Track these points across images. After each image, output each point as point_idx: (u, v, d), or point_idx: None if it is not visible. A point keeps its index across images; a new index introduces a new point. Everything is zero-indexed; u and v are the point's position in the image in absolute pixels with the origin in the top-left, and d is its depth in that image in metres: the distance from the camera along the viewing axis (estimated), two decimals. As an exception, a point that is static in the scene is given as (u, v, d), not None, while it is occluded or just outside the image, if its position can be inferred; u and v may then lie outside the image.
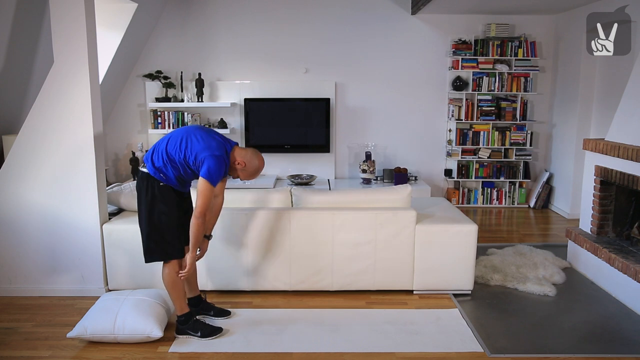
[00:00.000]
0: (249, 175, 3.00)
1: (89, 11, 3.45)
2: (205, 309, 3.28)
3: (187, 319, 3.04)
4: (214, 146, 2.85)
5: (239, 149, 2.98)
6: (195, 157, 2.84)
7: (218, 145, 2.88)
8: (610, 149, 3.76)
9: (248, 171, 2.98)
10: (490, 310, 3.44)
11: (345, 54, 6.16)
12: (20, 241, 3.61)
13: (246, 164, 2.95)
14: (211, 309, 3.30)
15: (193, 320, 3.06)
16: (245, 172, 2.98)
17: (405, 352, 2.91)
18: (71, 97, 3.46)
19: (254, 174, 3.01)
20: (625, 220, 3.95)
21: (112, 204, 3.92)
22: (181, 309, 3.03)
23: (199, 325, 3.06)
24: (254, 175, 3.02)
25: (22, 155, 3.54)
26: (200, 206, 2.81)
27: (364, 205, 3.62)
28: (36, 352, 2.92)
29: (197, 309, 3.23)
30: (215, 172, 2.81)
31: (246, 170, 2.97)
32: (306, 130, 6.13)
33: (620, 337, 3.11)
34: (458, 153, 6.24)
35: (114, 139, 6.25)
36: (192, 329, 3.03)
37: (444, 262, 3.58)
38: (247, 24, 6.07)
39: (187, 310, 3.06)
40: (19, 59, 4.22)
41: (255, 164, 2.98)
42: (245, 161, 2.95)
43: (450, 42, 6.13)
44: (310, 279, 3.60)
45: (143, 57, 6.11)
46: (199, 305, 3.26)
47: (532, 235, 5.18)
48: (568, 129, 5.85)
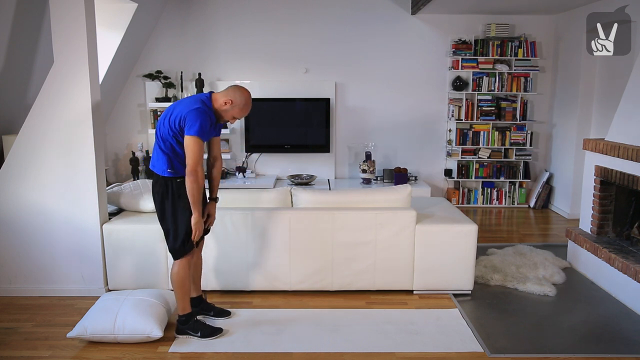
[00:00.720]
0: (241, 109, 2.91)
1: (89, 11, 3.45)
2: (205, 309, 3.28)
3: (188, 319, 3.04)
4: (188, 102, 2.82)
5: (217, 93, 2.92)
6: (179, 122, 2.78)
7: (192, 101, 2.84)
8: (610, 149, 3.76)
9: (239, 105, 2.89)
10: (490, 310, 3.44)
11: (345, 54, 6.16)
12: (20, 241, 3.61)
13: (233, 100, 2.86)
14: (211, 309, 3.30)
15: (194, 321, 3.06)
16: (236, 108, 2.89)
17: (405, 352, 2.91)
18: (71, 97, 3.46)
19: (246, 106, 2.92)
20: (625, 220, 3.95)
21: (112, 204, 3.92)
22: (183, 308, 3.03)
23: (200, 325, 3.06)
24: (246, 108, 2.92)
25: (22, 155, 3.54)
26: (190, 164, 2.75)
27: (364, 205, 3.62)
28: (36, 352, 2.92)
29: (197, 309, 3.22)
30: (199, 124, 2.74)
31: (237, 105, 2.88)
32: (306, 130, 6.13)
33: (620, 337, 3.11)
34: (458, 153, 6.24)
35: (114, 139, 6.25)
36: (193, 329, 3.03)
37: (444, 262, 3.58)
38: (247, 24, 6.07)
39: (189, 310, 3.05)
40: (19, 59, 4.22)
41: (242, 95, 2.89)
42: (231, 98, 2.87)
43: (450, 42, 6.13)
44: (310, 279, 3.60)
45: (143, 57, 6.11)
46: (199, 305, 3.26)
47: (532, 235, 5.18)
48: (568, 129, 5.85)
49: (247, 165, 6.27)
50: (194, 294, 3.23)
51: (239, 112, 2.92)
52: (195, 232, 2.87)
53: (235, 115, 2.92)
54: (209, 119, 2.81)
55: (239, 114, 2.92)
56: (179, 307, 3.03)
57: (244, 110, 2.92)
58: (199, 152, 2.76)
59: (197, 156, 2.75)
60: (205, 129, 2.78)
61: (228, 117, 2.92)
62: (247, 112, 2.95)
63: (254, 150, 6.20)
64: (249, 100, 2.92)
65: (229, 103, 2.87)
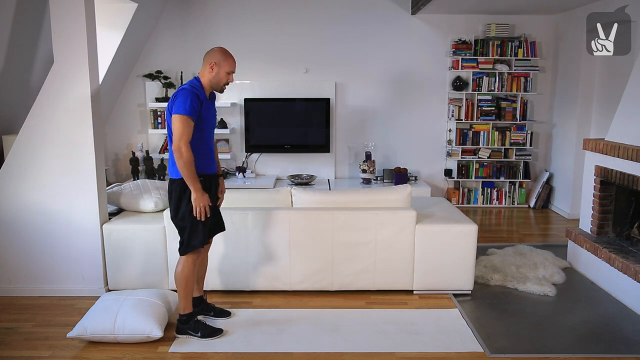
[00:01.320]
0: (226, 61, 2.89)
1: (89, 11, 3.45)
2: (205, 310, 3.28)
3: (189, 319, 3.04)
4: (178, 88, 2.86)
5: (200, 71, 2.93)
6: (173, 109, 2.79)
7: (181, 86, 2.86)
8: (610, 149, 3.76)
9: (221, 59, 2.88)
10: (490, 310, 3.44)
11: (345, 54, 6.16)
12: (20, 241, 3.61)
13: (216, 61, 2.87)
14: (211, 309, 3.30)
15: (194, 321, 3.06)
16: (222, 63, 2.88)
17: (405, 352, 2.91)
18: (71, 97, 3.46)
19: (228, 56, 2.91)
20: (625, 220, 3.95)
21: (112, 204, 3.92)
22: (185, 308, 3.03)
23: (200, 325, 3.06)
24: (229, 58, 2.91)
25: (22, 155, 3.54)
26: (175, 140, 2.74)
27: (364, 205, 3.62)
28: (36, 352, 2.92)
29: (198, 309, 3.23)
30: (189, 102, 2.74)
31: (220, 61, 2.87)
32: (306, 130, 6.13)
33: (620, 337, 3.11)
34: (458, 153, 6.24)
35: (114, 139, 6.24)
36: (193, 329, 3.03)
37: (444, 262, 3.58)
38: (247, 23, 6.07)
39: (191, 310, 3.05)
40: (19, 59, 4.22)
41: (216, 51, 2.90)
42: (211, 60, 2.87)
43: (450, 42, 6.13)
44: (310, 279, 3.60)
45: (143, 57, 6.11)
46: (200, 305, 3.26)
47: (532, 235, 5.18)
48: (568, 129, 5.85)
49: (247, 165, 6.27)
50: (196, 294, 3.24)
51: (228, 65, 2.91)
52: (196, 209, 2.83)
53: (227, 71, 2.91)
54: (197, 98, 2.80)
55: (229, 67, 2.91)
56: (181, 306, 3.03)
57: (229, 60, 2.91)
58: (185, 130, 2.74)
59: (181, 133, 2.74)
60: (194, 107, 2.77)
61: (223, 78, 2.92)
62: (233, 61, 2.94)
63: (254, 150, 6.20)
64: (225, 51, 2.93)
65: (213, 66, 2.88)
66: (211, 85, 2.93)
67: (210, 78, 2.90)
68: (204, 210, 2.84)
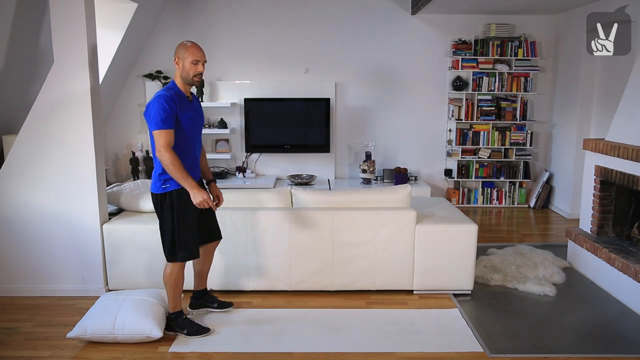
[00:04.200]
0: (190, 54, 2.80)
1: (89, 11, 3.45)
2: (209, 302, 3.35)
3: (177, 317, 3.07)
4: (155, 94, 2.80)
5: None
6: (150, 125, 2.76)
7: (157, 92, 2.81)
8: (610, 149, 3.76)
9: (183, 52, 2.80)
10: (490, 310, 3.44)
11: (345, 54, 6.16)
12: (20, 241, 3.61)
13: (179, 55, 2.80)
14: (215, 301, 3.37)
15: (182, 318, 3.08)
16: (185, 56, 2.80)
17: (405, 352, 2.91)
18: (71, 97, 3.46)
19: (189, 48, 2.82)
20: (625, 220, 3.95)
21: (112, 204, 3.92)
22: (174, 307, 3.06)
23: (187, 323, 3.08)
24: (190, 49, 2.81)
25: (22, 155, 3.54)
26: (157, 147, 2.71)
27: (364, 205, 3.62)
28: (36, 352, 2.92)
29: (201, 301, 3.30)
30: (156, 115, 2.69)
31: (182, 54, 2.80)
32: (306, 130, 6.13)
33: (620, 337, 3.11)
34: (458, 153, 6.24)
35: (114, 139, 6.24)
36: (180, 327, 3.06)
37: (444, 262, 3.58)
38: (247, 24, 6.07)
39: (180, 309, 3.08)
40: (19, 59, 4.22)
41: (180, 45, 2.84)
42: (176, 55, 2.82)
43: (450, 42, 6.13)
44: (310, 279, 3.60)
45: (143, 57, 6.10)
46: (203, 297, 3.32)
47: (532, 235, 5.18)
48: (568, 129, 5.85)
49: (247, 165, 6.27)
50: (199, 287, 3.30)
51: (190, 55, 2.80)
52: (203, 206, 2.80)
53: (191, 61, 2.80)
54: (171, 102, 2.73)
55: (192, 56, 2.80)
56: (170, 305, 3.06)
57: (190, 49, 2.81)
58: (165, 139, 2.71)
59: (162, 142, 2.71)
60: (168, 116, 2.71)
61: (190, 70, 2.82)
62: (195, 49, 2.83)
63: (254, 150, 6.19)
64: (185, 42, 2.85)
65: (178, 61, 2.83)
66: (183, 81, 2.86)
67: (179, 74, 2.85)
68: (206, 203, 2.81)
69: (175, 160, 2.73)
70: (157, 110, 2.72)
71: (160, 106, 2.72)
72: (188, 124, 2.85)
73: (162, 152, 2.72)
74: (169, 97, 2.75)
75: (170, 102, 2.74)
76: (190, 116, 2.87)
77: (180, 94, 2.85)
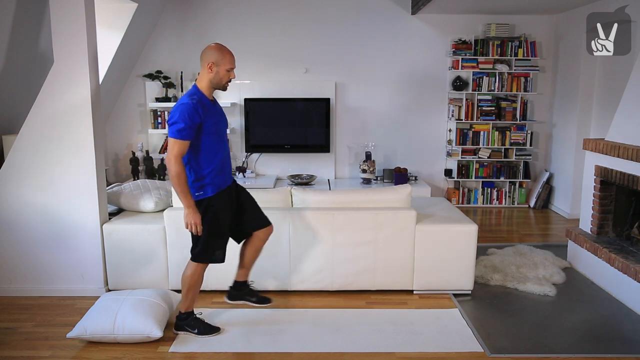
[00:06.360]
0: (227, 61, 2.80)
1: (89, 11, 3.45)
2: (249, 295, 3.34)
3: (188, 316, 3.06)
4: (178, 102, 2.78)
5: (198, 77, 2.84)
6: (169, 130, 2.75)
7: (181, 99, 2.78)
8: (610, 149, 3.76)
9: (219, 57, 2.78)
10: (490, 310, 3.44)
11: (345, 54, 6.16)
12: (20, 241, 3.61)
13: (214, 60, 2.77)
14: (255, 295, 3.35)
15: (193, 318, 3.08)
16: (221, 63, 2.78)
17: (405, 352, 2.91)
18: (71, 97, 3.46)
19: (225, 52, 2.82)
20: (625, 220, 3.95)
21: (112, 204, 3.92)
22: (187, 307, 3.06)
23: (198, 322, 3.07)
24: (227, 54, 2.82)
25: (22, 155, 3.54)
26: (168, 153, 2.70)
27: (364, 205, 3.62)
28: (36, 352, 2.92)
29: (240, 293, 3.31)
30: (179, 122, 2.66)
31: (220, 60, 2.78)
32: (306, 130, 6.13)
33: (620, 337, 3.11)
34: (458, 153, 6.24)
35: (114, 139, 6.24)
36: (191, 326, 3.05)
37: (444, 262, 3.58)
38: (247, 24, 6.07)
39: (191, 309, 3.08)
40: (19, 59, 4.22)
41: (212, 49, 2.81)
42: (210, 60, 2.77)
43: (450, 42, 6.13)
44: (310, 279, 3.60)
45: (143, 57, 6.10)
46: (242, 289, 3.32)
47: (532, 235, 5.18)
48: (568, 129, 5.85)
49: (247, 165, 6.27)
50: (240, 278, 3.30)
51: (227, 62, 2.80)
52: (187, 225, 2.80)
53: (227, 68, 2.81)
54: (195, 113, 2.71)
55: (228, 64, 2.81)
56: (184, 304, 3.05)
57: (227, 57, 2.81)
58: (178, 149, 2.70)
59: (174, 151, 2.70)
60: (190, 131, 2.70)
61: (224, 77, 2.82)
62: (231, 57, 2.83)
63: (254, 150, 6.20)
64: (221, 47, 2.83)
65: (212, 65, 2.78)
66: (212, 85, 2.84)
67: (210, 78, 2.81)
68: (195, 227, 2.82)
69: (182, 174, 2.74)
70: (178, 120, 2.69)
71: (182, 116, 2.69)
72: (213, 129, 2.84)
73: (172, 161, 2.71)
74: (193, 108, 2.71)
75: (193, 114, 2.70)
76: (214, 121, 2.85)
77: (204, 100, 2.80)
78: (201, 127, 2.76)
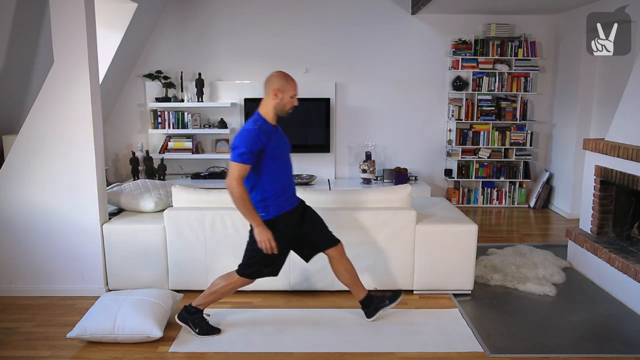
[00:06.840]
0: (291, 88, 2.86)
1: (89, 11, 3.45)
2: (380, 302, 3.25)
3: (196, 312, 3.06)
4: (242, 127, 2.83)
5: (261, 104, 2.90)
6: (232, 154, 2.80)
7: (245, 125, 2.83)
8: (610, 149, 3.76)
9: (284, 84, 2.83)
10: (490, 310, 3.44)
11: (345, 54, 6.16)
12: (20, 241, 3.61)
13: (279, 87, 2.82)
14: (384, 299, 3.27)
15: (199, 316, 3.08)
16: (286, 89, 2.84)
17: (405, 352, 2.91)
18: (71, 97, 3.46)
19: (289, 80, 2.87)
20: (625, 220, 3.95)
21: (112, 204, 3.92)
22: (202, 304, 3.07)
23: (202, 322, 3.07)
24: (290, 81, 2.87)
25: (22, 155, 3.54)
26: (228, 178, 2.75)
27: (364, 205, 3.62)
28: (36, 352, 2.92)
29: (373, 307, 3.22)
30: (242, 147, 2.72)
31: (283, 86, 2.83)
32: (306, 130, 6.13)
33: (620, 337, 3.11)
34: (458, 153, 6.24)
35: (114, 139, 6.25)
36: (194, 324, 3.06)
37: (444, 262, 3.58)
38: (247, 23, 6.07)
39: (203, 309, 3.09)
40: (19, 59, 4.22)
41: (276, 77, 2.87)
42: (274, 87, 2.83)
43: (450, 42, 6.13)
44: (310, 279, 3.60)
45: (143, 57, 6.10)
46: (372, 303, 3.23)
47: (532, 235, 5.18)
48: (568, 129, 5.85)
49: (247, 165, 6.26)
50: (360, 296, 3.22)
51: (291, 89, 2.87)
52: (261, 244, 2.81)
53: (291, 95, 2.87)
54: (258, 140, 2.76)
55: (293, 90, 2.88)
56: (199, 301, 3.06)
57: (291, 83, 2.87)
58: (239, 173, 2.75)
59: (235, 175, 2.75)
60: (252, 156, 2.74)
61: (287, 103, 2.88)
62: (294, 83, 2.90)
63: (254, 150, 6.18)
64: (285, 75, 2.89)
65: (277, 92, 2.84)
66: (276, 112, 2.90)
67: (274, 105, 2.87)
68: (269, 245, 2.82)
69: (244, 195, 2.77)
70: (240, 145, 2.75)
71: (243, 142, 2.75)
72: (277, 153, 2.89)
73: (233, 184, 2.75)
74: (255, 134, 2.76)
75: (255, 140, 2.76)
76: (277, 145, 2.90)
77: (266, 127, 2.84)
78: (264, 151, 2.81)
